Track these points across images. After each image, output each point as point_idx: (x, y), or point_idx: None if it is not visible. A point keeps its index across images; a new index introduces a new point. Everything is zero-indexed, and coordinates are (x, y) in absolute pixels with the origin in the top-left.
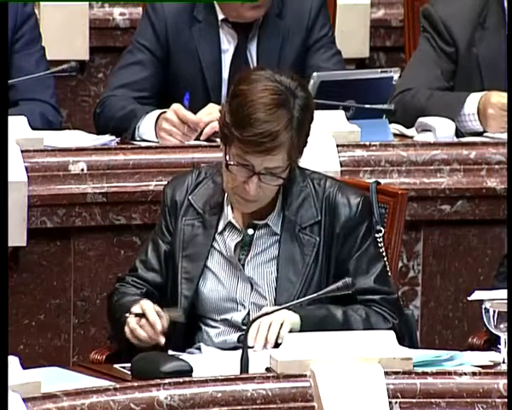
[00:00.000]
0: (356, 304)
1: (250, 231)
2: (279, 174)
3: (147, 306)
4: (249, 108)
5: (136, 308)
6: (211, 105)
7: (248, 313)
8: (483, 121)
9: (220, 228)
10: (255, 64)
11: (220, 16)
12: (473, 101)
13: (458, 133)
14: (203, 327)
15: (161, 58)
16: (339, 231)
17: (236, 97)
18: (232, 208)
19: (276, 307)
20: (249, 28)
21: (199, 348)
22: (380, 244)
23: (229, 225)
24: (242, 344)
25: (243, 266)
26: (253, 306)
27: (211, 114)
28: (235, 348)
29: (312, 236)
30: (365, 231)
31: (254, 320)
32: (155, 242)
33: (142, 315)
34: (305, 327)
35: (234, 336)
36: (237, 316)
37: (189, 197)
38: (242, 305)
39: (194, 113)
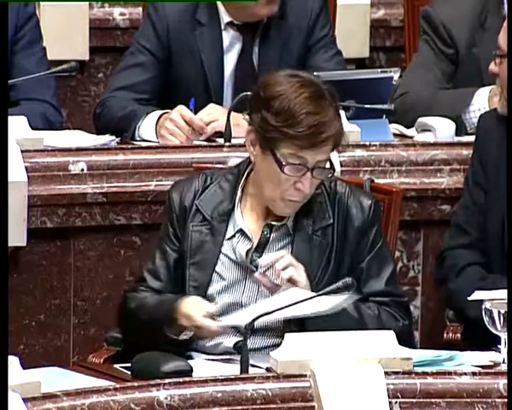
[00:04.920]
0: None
1: (266, 233)
2: (326, 166)
3: None
4: (295, 105)
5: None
6: (211, 105)
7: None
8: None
9: (229, 234)
10: (258, 65)
11: (226, 19)
12: (482, 94)
13: (459, 132)
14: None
15: (162, 60)
16: (352, 234)
17: (275, 99)
18: (242, 215)
19: (276, 308)
20: (254, 30)
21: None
22: None
23: (240, 232)
24: (242, 345)
25: (256, 267)
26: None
27: (211, 114)
28: (224, 354)
29: (325, 238)
30: (376, 233)
31: (254, 320)
32: (163, 250)
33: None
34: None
35: (229, 341)
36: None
37: (196, 202)
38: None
39: (195, 114)
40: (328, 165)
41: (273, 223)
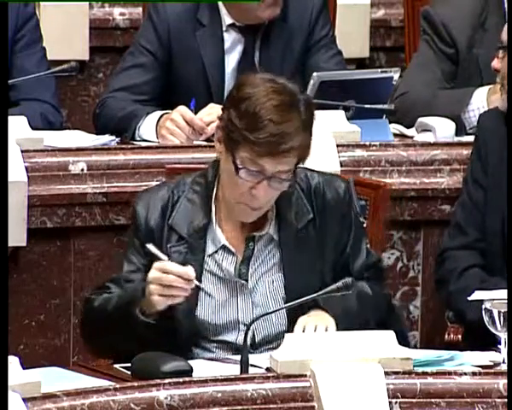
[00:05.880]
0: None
1: (251, 245)
2: (287, 178)
3: (169, 265)
4: (261, 110)
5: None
6: (211, 105)
7: (250, 332)
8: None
9: (210, 251)
10: (259, 66)
11: (228, 21)
12: (480, 94)
13: (459, 132)
14: (193, 348)
15: (163, 61)
16: (334, 221)
17: (244, 100)
18: (222, 229)
19: (272, 310)
20: (256, 31)
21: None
22: None
23: (223, 248)
24: (242, 345)
25: (246, 281)
26: (256, 323)
27: (212, 115)
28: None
29: (309, 234)
30: (353, 212)
31: (254, 321)
32: (131, 261)
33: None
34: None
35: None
36: (239, 336)
37: (169, 222)
38: (244, 324)
39: (196, 114)
40: (291, 176)
41: (255, 234)
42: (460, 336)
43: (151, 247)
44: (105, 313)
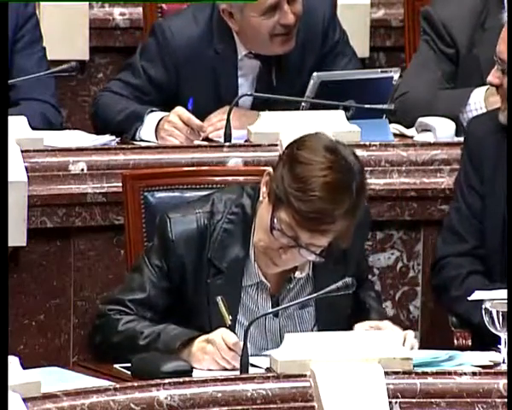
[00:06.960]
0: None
1: (288, 286)
2: (317, 252)
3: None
4: (313, 183)
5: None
6: (224, 110)
7: None
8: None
9: (246, 283)
10: (275, 85)
11: (243, 51)
12: (478, 94)
13: (458, 132)
14: None
15: (167, 86)
16: (358, 237)
17: (300, 164)
18: (259, 266)
19: (272, 310)
20: (270, 56)
21: None
22: None
23: (260, 284)
24: (242, 345)
25: (276, 316)
26: None
27: (223, 121)
28: None
29: (341, 262)
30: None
31: (252, 323)
32: (156, 286)
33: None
34: None
35: None
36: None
37: (209, 256)
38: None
39: (194, 114)
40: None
41: (292, 276)
42: (470, 341)
43: (220, 302)
44: (135, 341)
